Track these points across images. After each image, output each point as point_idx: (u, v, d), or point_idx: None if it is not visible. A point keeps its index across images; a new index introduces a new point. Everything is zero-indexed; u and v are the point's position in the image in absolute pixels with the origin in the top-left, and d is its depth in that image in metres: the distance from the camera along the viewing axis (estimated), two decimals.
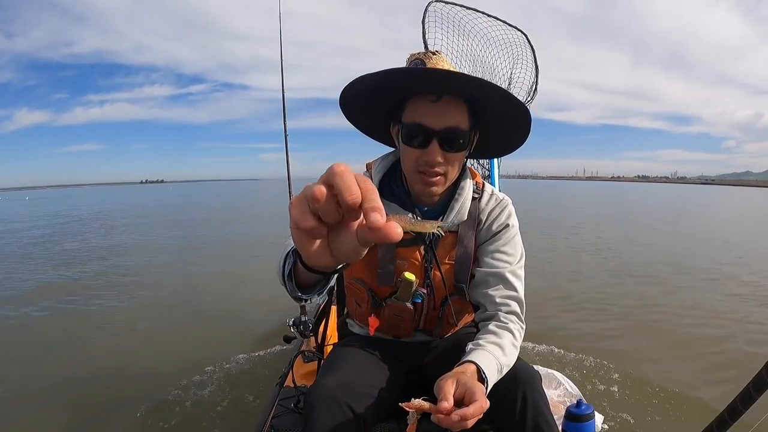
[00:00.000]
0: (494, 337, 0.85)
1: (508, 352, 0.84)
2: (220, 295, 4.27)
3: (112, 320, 3.59)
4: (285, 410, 1.22)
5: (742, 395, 0.89)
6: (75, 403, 2.22)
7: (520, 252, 0.97)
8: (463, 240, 0.96)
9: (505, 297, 0.92)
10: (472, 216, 0.96)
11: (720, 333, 3.17)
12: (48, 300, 4.20)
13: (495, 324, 0.88)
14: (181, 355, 2.79)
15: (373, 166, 1.00)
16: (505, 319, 0.89)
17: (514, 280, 0.94)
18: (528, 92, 1.85)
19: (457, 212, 0.95)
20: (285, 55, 2.43)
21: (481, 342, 0.84)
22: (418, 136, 0.85)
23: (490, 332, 0.87)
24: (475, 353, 0.79)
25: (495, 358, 0.80)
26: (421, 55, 0.89)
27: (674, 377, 2.36)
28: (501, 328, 0.87)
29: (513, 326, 0.88)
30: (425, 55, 0.88)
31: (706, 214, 15.23)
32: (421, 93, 0.85)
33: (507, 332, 0.87)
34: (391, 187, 0.96)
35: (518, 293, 0.94)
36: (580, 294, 4.21)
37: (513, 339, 0.87)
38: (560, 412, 0.92)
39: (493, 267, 0.94)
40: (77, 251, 7.22)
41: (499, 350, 0.82)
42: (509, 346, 0.85)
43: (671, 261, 5.93)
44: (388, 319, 1.00)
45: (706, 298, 4.11)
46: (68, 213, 17.28)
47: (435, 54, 0.89)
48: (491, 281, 0.93)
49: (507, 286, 0.93)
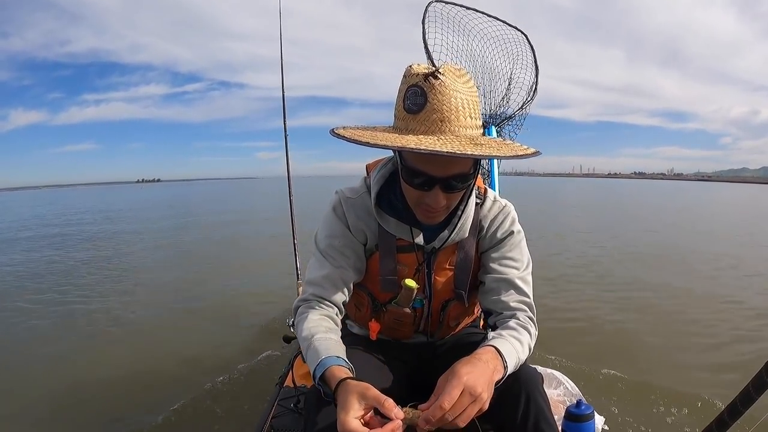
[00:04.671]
0: (515, 332, 0.85)
1: (525, 349, 0.84)
2: (219, 296, 4.27)
3: (111, 321, 3.60)
4: (285, 410, 1.22)
5: (742, 395, 0.89)
6: (75, 404, 2.22)
7: (527, 258, 0.97)
8: (464, 246, 0.95)
9: (519, 302, 0.92)
10: (474, 223, 0.94)
11: (720, 333, 3.17)
12: (46, 300, 4.20)
13: (515, 322, 0.88)
14: (181, 355, 2.79)
15: (372, 172, 0.96)
16: (524, 320, 0.90)
17: (524, 286, 0.93)
18: (528, 92, 1.85)
19: (459, 229, 0.92)
20: (281, 54, 2.43)
21: (503, 333, 0.84)
22: (419, 178, 0.79)
23: (511, 327, 0.86)
24: (496, 340, 0.80)
25: (515, 349, 0.80)
26: (420, 80, 0.73)
27: (674, 377, 2.36)
28: (521, 326, 0.87)
29: (530, 328, 0.89)
30: (425, 80, 0.72)
31: (702, 209, 15.23)
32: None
33: (526, 331, 0.87)
34: (390, 200, 0.92)
35: (530, 299, 0.93)
36: (580, 294, 4.21)
37: (529, 339, 0.87)
38: (560, 412, 0.92)
39: (502, 273, 0.93)
40: (71, 251, 7.22)
41: (518, 344, 0.82)
42: (526, 344, 0.85)
43: (671, 260, 5.93)
44: (388, 323, 1.00)
45: (707, 298, 4.11)
46: (62, 216, 17.27)
47: (437, 78, 0.72)
48: (502, 288, 0.93)
49: (518, 292, 0.92)
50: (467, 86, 0.75)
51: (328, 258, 0.92)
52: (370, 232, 0.94)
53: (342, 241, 0.92)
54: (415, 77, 0.74)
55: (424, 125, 0.73)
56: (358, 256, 0.94)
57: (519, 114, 1.87)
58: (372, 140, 0.71)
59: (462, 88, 0.73)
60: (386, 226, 0.91)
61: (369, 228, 0.93)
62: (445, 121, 0.72)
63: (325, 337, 0.82)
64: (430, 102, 0.72)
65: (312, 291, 0.90)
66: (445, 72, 0.73)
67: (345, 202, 0.94)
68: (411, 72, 0.75)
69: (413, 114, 0.73)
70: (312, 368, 0.77)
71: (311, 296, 0.90)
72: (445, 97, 0.72)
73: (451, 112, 0.72)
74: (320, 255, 0.93)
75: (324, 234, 0.94)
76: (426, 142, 0.70)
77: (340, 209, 0.94)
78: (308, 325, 0.85)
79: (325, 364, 0.75)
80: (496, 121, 1.87)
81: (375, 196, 0.91)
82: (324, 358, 0.76)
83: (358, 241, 0.94)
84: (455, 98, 0.72)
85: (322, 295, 0.90)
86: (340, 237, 0.93)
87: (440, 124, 0.72)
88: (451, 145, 0.69)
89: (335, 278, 0.91)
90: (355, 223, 0.93)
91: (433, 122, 0.72)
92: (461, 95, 0.73)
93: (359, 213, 0.93)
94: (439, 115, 0.72)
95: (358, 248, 0.94)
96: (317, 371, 0.75)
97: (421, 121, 0.73)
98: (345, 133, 0.76)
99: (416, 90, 0.73)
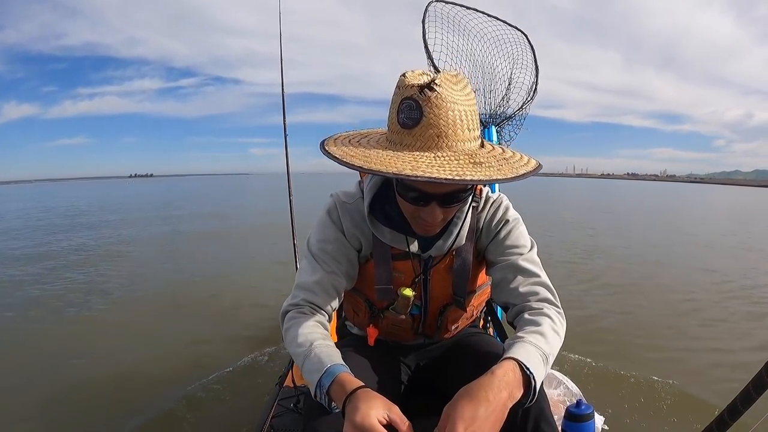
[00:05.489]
0: (532, 327, 0.78)
1: (550, 339, 0.77)
2: (219, 296, 4.26)
3: (110, 321, 3.59)
4: (285, 410, 1.22)
5: (742, 395, 0.89)
6: (74, 405, 2.21)
7: (529, 242, 0.93)
8: (461, 253, 0.92)
9: (530, 285, 0.86)
10: (471, 227, 0.92)
11: (720, 333, 3.17)
12: (43, 303, 4.19)
13: (529, 313, 0.82)
14: (181, 355, 2.79)
15: (365, 177, 0.92)
16: (539, 305, 0.83)
17: (531, 266, 0.88)
18: (528, 92, 1.86)
19: (455, 237, 0.89)
20: (279, 50, 2.41)
21: (520, 334, 0.77)
22: (414, 193, 0.76)
23: (527, 322, 0.80)
24: (514, 348, 0.73)
25: (537, 348, 0.73)
26: (415, 93, 0.68)
27: (674, 377, 2.36)
28: (537, 315, 0.81)
29: (549, 311, 0.82)
30: (420, 93, 0.67)
31: (693, 210, 15.25)
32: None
33: (544, 317, 0.80)
34: (384, 208, 0.89)
35: (541, 278, 0.88)
36: (580, 294, 4.21)
37: (553, 324, 0.80)
38: (560, 412, 0.92)
39: (504, 261, 0.89)
40: (66, 250, 7.22)
41: (540, 338, 0.75)
42: (550, 332, 0.78)
43: (670, 260, 5.93)
44: (386, 328, 1.00)
45: (706, 298, 4.11)
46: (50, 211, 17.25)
47: (433, 90, 0.67)
48: (508, 275, 0.88)
49: (526, 274, 0.87)
50: (465, 94, 0.70)
51: (320, 263, 0.89)
52: (365, 238, 0.91)
53: (335, 246, 0.90)
54: (409, 89, 0.68)
55: (420, 141, 0.69)
56: (351, 262, 0.92)
57: (519, 114, 1.87)
58: (365, 164, 0.67)
59: (459, 98, 0.69)
60: (381, 236, 0.89)
61: (364, 235, 0.91)
62: (442, 136, 0.68)
63: (325, 344, 0.79)
64: (425, 117, 0.67)
65: (303, 296, 0.87)
66: (441, 83, 0.68)
67: (341, 207, 0.91)
68: (405, 83, 0.69)
69: (408, 129, 0.69)
70: (315, 376, 0.74)
71: (303, 301, 0.87)
72: (441, 110, 0.67)
73: (448, 126, 0.68)
74: (312, 259, 0.90)
75: (317, 238, 0.91)
76: (422, 163, 0.66)
77: (335, 214, 0.91)
78: (304, 331, 0.81)
79: (333, 372, 0.73)
80: (496, 120, 1.87)
81: (368, 205, 0.88)
82: (330, 366, 0.74)
83: (352, 247, 0.92)
84: (452, 111, 0.68)
85: (314, 301, 0.87)
86: (334, 242, 0.90)
87: (437, 140, 0.68)
88: (449, 166, 0.66)
89: (327, 284, 0.88)
90: (350, 228, 0.90)
91: (429, 138, 0.68)
92: (459, 107, 0.68)
93: (355, 219, 0.91)
94: (436, 130, 0.68)
95: (351, 255, 0.92)
96: (324, 379, 0.72)
97: (417, 136, 0.69)
98: (336, 152, 0.72)
99: (411, 103, 0.68)
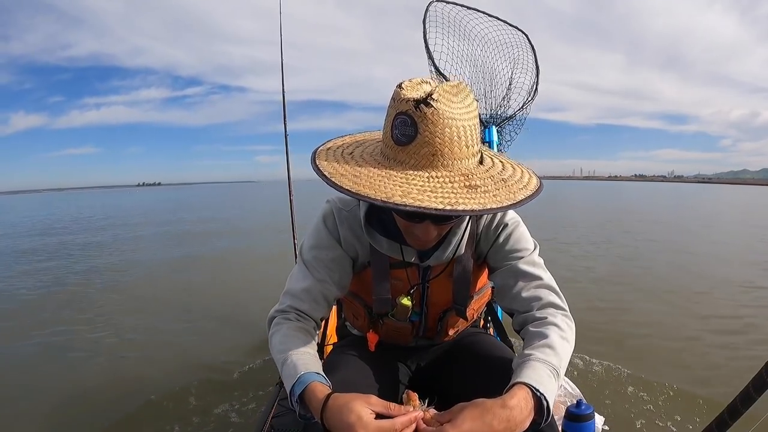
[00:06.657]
0: (537, 340, 0.75)
1: (559, 350, 0.73)
2: (219, 296, 4.26)
3: (110, 322, 3.59)
4: (285, 410, 1.22)
5: (742, 395, 0.89)
6: (74, 405, 2.22)
7: (531, 244, 0.90)
8: (461, 260, 0.90)
9: (533, 289, 0.84)
10: (471, 235, 0.89)
11: (720, 333, 3.17)
12: (42, 303, 4.20)
13: (535, 325, 0.80)
14: (181, 356, 2.79)
15: None
16: (542, 314, 0.80)
17: (533, 269, 0.86)
18: (529, 92, 1.86)
19: (454, 248, 0.87)
20: (281, 58, 2.43)
21: (526, 352, 0.74)
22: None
23: (533, 336, 0.77)
24: (521, 370, 0.69)
25: (546, 365, 0.70)
26: (410, 108, 0.63)
27: (675, 377, 2.36)
28: (542, 326, 0.78)
29: (554, 318, 0.79)
30: (416, 108, 0.63)
31: (693, 210, 15.24)
32: None
33: (551, 327, 0.77)
34: (381, 218, 0.87)
35: (544, 280, 0.85)
36: (580, 295, 4.21)
37: (561, 332, 0.77)
38: (560, 412, 0.92)
39: (505, 266, 0.88)
40: (68, 255, 7.22)
41: (549, 351, 0.73)
42: (558, 342, 0.75)
43: (669, 260, 5.93)
44: (386, 333, 0.99)
45: (706, 298, 4.11)
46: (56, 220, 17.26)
47: (430, 106, 0.62)
48: (509, 280, 0.86)
49: (528, 278, 0.85)
50: (464, 106, 0.65)
51: (311, 270, 0.87)
52: (361, 246, 0.89)
53: (329, 254, 0.87)
54: (404, 103, 0.64)
55: (414, 159, 0.65)
56: (344, 271, 0.89)
57: (519, 114, 1.88)
58: (354, 186, 0.63)
59: (458, 112, 0.64)
60: (378, 246, 0.87)
61: (361, 243, 0.89)
62: (438, 155, 0.64)
63: (303, 351, 0.77)
64: (420, 134, 0.63)
65: (290, 303, 0.86)
66: (439, 96, 0.63)
67: (338, 213, 0.88)
68: (400, 96, 0.65)
69: (402, 146, 0.65)
70: (288, 384, 0.72)
71: (289, 308, 0.85)
72: (438, 127, 0.63)
73: (444, 144, 0.63)
74: (304, 265, 0.88)
75: (310, 244, 0.89)
76: (414, 186, 0.62)
77: (332, 221, 0.89)
78: (285, 338, 0.80)
79: (304, 381, 0.71)
80: (497, 121, 1.87)
81: (364, 215, 0.85)
82: (303, 373, 0.71)
83: (347, 255, 0.89)
84: (450, 128, 0.63)
85: (300, 307, 0.85)
86: (327, 249, 0.88)
87: (431, 158, 0.64)
88: (442, 190, 0.62)
89: (315, 292, 0.86)
90: (346, 237, 0.88)
91: (424, 156, 0.64)
92: (457, 122, 0.63)
93: (352, 226, 0.88)
94: (431, 149, 0.63)
95: (345, 263, 0.89)
96: (296, 387, 0.71)
97: (411, 154, 0.65)
98: (327, 168, 0.69)
99: (405, 119, 0.64)
